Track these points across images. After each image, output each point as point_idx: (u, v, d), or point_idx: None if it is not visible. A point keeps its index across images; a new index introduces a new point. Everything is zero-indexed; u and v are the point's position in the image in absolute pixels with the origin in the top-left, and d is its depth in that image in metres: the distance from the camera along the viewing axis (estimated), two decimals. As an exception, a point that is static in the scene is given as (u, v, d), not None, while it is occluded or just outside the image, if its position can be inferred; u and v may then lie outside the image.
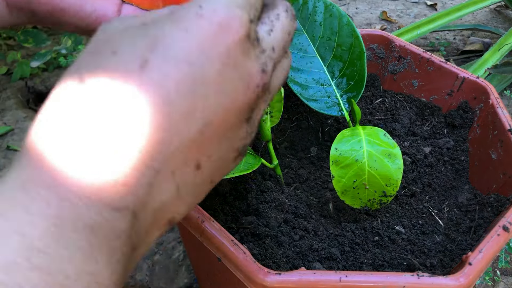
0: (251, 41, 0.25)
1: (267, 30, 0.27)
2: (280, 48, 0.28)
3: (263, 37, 0.26)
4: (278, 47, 0.27)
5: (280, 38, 0.28)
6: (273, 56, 0.27)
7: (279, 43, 0.28)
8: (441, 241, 0.44)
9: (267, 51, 0.26)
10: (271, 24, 0.27)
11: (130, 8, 0.37)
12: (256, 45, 0.25)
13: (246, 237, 0.43)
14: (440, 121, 0.57)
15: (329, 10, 0.56)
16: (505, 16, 1.32)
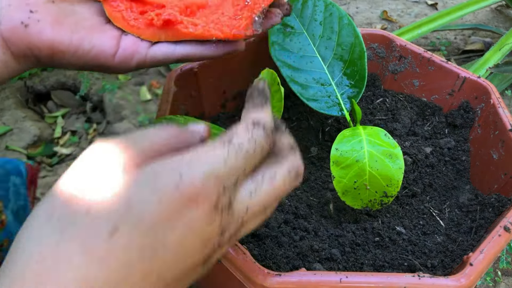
0: (219, 211, 0.24)
1: (250, 190, 0.25)
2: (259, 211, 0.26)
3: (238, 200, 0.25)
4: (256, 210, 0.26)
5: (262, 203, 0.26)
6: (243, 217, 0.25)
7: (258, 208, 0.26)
8: (442, 242, 0.44)
9: (235, 214, 0.25)
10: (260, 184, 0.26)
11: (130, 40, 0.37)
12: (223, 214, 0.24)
13: (246, 237, 0.43)
14: (441, 121, 0.57)
15: (329, 9, 0.55)
16: (506, 15, 1.32)
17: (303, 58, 0.53)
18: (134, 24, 0.37)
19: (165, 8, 0.38)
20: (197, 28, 0.37)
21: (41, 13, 0.34)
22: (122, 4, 0.37)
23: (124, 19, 0.37)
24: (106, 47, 0.36)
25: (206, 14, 0.39)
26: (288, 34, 0.55)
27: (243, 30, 0.37)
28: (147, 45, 0.37)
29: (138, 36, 0.37)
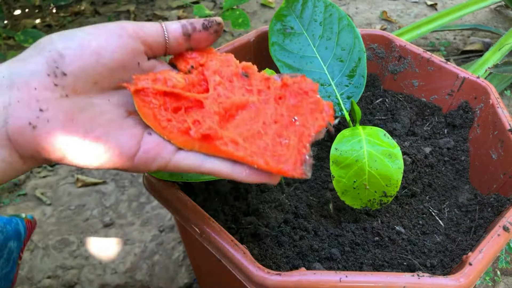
0: None
1: None
2: None
3: None
4: None
5: None
6: None
7: None
8: (441, 241, 0.44)
9: None
10: None
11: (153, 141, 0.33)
12: None
13: (246, 237, 0.43)
14: (440, 121, 0.57)
15: (329, 10, 0.55)
16: (505, 16, 1.32)
17: (303, 59, 0.54)
18: (166, 126, 0.33)
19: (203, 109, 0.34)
20: (238, 148, 0.33)
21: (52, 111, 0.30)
22: (155, 101, 0.33)
23: (155, 118, 0.33)
24: (124, 149, 0.32)
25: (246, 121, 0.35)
26: (288, 35, 0.55)
27: (291, 169, 0.32)
28: (173, 149, 0.33)
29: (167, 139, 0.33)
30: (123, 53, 0.32)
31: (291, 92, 0.36)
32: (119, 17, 1.40)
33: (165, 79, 0.33)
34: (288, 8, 0.57)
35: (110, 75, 0.32)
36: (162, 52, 0.35)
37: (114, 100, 0.33)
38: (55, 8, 1.46)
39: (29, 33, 1.04)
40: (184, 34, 0.35)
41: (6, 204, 0.94)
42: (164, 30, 0.34)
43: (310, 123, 0.35)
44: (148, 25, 0.34)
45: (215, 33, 0.36)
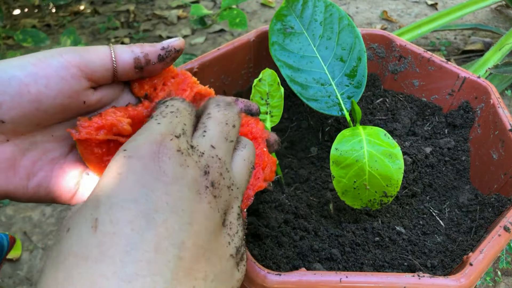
0: (185, 152, 0.26)
1: (200, 134, 0.29)
2: (222, 142, 0.29)
3: (198, 142, 0.28)
4: (218, 141, 0.29)
5: (217, 133, 0.29)
6: (215, 153, 0.28)
7: (218, 138, 0.29)
8: (442, 242, 0.44)
9: (206, 152, 0.28)
10: (204, 126, 0.29)
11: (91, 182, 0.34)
12: (191, 153, 0.27)
13: (246, 237, 0.43)
14: (441, 121, 0.57)
15: (329, 10, 0.55)
16: (506, 15, 1.32)
17: (303, 58, 0.54)
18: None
19: None
20: None
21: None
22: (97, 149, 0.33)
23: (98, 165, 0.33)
24: (64, 191, 0.33)
25: None
26: (289, 35, 0.55)
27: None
28: None
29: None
30: (66, 97, 0.30)
31: (241, 132, 0.36)
32: (118, 17, 1.40)
33: (110, 125, 0.32)
34: (289, 7, 0.57)
35: (52, 117, 0.31)
36: (109, 82, 0.33)
37: (57, 134, 0.33)
38: (55, 7, 1.46)
39: (28, 32, 1.04)
40: (135, 67, 0.33)
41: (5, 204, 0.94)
42: (114, 63, 0.32)
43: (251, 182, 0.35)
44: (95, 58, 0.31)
45: (173, 60, 0.34)
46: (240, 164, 0.31)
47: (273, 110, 0.48)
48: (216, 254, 0.26)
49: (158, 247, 0.23)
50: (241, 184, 0.30)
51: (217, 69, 0.57)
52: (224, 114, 0.31)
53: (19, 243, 0.85)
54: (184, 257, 0.23)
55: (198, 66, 0.54)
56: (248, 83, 0.62)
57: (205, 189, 0.26)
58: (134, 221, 0.23)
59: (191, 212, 0.25)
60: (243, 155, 0.31)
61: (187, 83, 0.36)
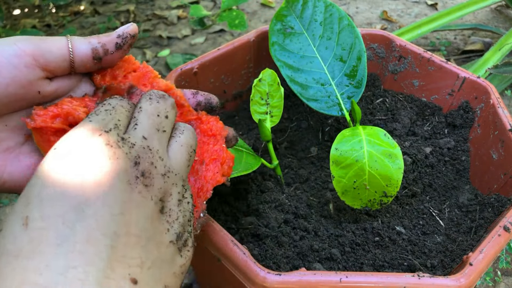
0: (114, 145, 0.26)
1: (132, 127, 0.29)
2: (153, 132, 0.29)
3: (130, 134, 0.28)
4: (150, 132, 0.29)
5: (148, 124, 0.30)
6: (146, 143, 0.28)
7: (149, 129, 0.29)
8: (441, 242, 0.44)
9: (137, 143, 0.28)
10: (135, 119, 0.30)
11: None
12: (122, 145, 0.27)
13: (246, 237, 0.43)
14: (440, 121, 0.57)
15: (329, 10, 0.55)
16: (506, 15, 1.32)
17: (303, 59, 0.54)
18: None
19: None
20: None
21: None
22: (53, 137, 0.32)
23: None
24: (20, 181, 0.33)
25: None
26: (288, 35, 0.55)
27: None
28: None
29: None
30: (19, 86, 0.30)
31: (202, 129, 0.37)
32: (118, 17, 1.40)
33: (66, 114, 0.32)
34: (288, 8, 0.57)
35: (6, 106, 0.31)
36: (66, 73, 0.33)
37: (12, 124, 0.33)
38: (55, 7, 1.46)
39: (28, 32, 1.04)
40: (94, 58, 0.33)
41: (5, 204, 0.93)
42: (71, 54, 0.32)
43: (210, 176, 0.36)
44: (52, 47, 0.31)
45: (130, 46, 0.35)
46: (177, 150, 0.31)
47: (273, 110, 0.48)
48: (152, 241, 0.26)
49: (89, 238, 0.23)
50: (180, 169, 0.30)
51: (217, 69, 0.57)
52: (155, 107, 0.31)
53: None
54: (117, 246, 0.24)
55: (198, 66, 0.54)
56: (248, 83, 0.62)
57: (135, 179, 0.26)
58: (64, 215, 0.23)
59: (122, 202, 0.25)
60: (181, 141, 0.31)
61: (148, 77, 0.36)
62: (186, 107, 0.37)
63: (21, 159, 0.33)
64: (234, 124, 0.59)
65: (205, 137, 0.37)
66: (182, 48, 1.27)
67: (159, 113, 0.31)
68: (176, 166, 0.30)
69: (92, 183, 0.24)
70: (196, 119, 0.37)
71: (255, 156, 0.46)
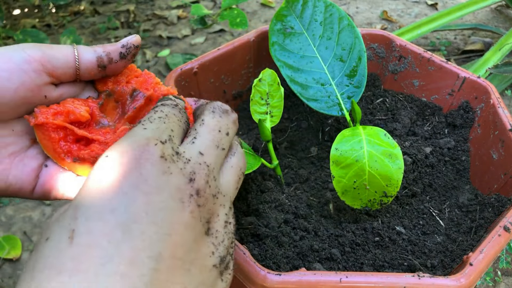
0: (169, 158, 0.25)
1: (190, 140, 0.28)
2: (212, 149, 0.28)
3: (185, 148, 0.27)
4: (208, 148, 0.28)
5: (208, 140, 0.29)
6: (203, 159, 0.27)
7: (208, 145, 0.28)
8: (442, 242, 0.44)
9: (192, 159, 0.27)
10: (195, 132, 0.29)
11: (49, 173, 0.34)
12: (176, 160, 0.26)
13: (246, 237, 0.43)
14: (441, 121, 0.57)
15: (329, 10, 0.55)
16: (506, 15, 1.32)
17: (303, 59, 0.54)
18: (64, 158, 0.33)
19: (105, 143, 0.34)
20: None
21: None
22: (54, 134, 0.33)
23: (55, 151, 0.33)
24: (24, 185, 0.33)
25: None
26: (289, 35, 0.55)
27: None
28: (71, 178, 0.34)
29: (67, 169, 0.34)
30: (27, 90, 0.31)
31: None
32: (118, 17, 1.40)
33: (67, 112, 0.33)
34: (288, 8, 0.57)
35: (14, 110, 0.31)
36: (72, 80, 0.34)
37: (18, 129, 0.33)
38: (55, 7, 1.46)
39: (28, 32, 1.04)
40: (99, 66, 0.33)
41: (5, 204, 0.94)
42: (76, 61, 0.32)
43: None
44: (58, 54, 0.32)
45: (133, 56, 0.35)
46: (228, 171, 0.30)
47: (273, 110, 0.48)
48: (196, 265, 0.25)
49: (133, 260, 0.22)
50: (229, 191, 0.29)
51: (217, 69, 0.57)
52: (218, 121, 0.30)
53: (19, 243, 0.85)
54: (161, 269, 0.23)
55: (198, 66, 0.54)
56: (248, 83, 0.62)
57: (189, 198, 0.25)
58: (111, 233, 0.22)
59: (171, 222, 0.24)
60: (232, 162, 0.31)
61: (150, 82, 0.37)
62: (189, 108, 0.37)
63: (26, 162, 0.33)
64: (234, 124, 0.59)
65: None
66: (182, 48, 1.27)
67: (220, 129, 0.30)
68: (226, 187, 0.29)
69: (142, 199, 0.23)
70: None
71: (255, 156, 0.46)
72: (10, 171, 0.32)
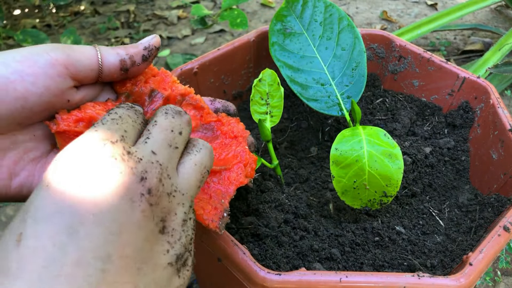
0: (118, 158, 0.25)
1: (143, 140, 0.28)
2: (164, 148, 0.28)
3: (138, 148, 0.27)
4: (161, 148, 0.28)
5: (161, 139, 0.28)
6: (155, 158, 0.27)
7: (161, 144, 0.28)
8: (441, 242, 0.44)
9: (144, 158, 0.26)
10: (148, 133, 0.28)
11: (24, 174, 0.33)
12: (127, 159, 0.25)
13: (246, 237, 0.43)
14: (440, 121, 0.57)
15: (329, 10, 0.55)
16: (506, 15, 1.32)
17: (303, 59, 0.54)
18: None
19: None
20: None
21: None
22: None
23: None
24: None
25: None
26: (288, 35, 0.55)
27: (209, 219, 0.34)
28: None
29: None
30: (51, 95, 0.30)
31: (223, 131, 0.37)
32: (119, 17, 1.40)
33: (89, 118, 0.32)
34: (288, 8, 0.57)
35: (37, 115, 0.31)
36: (93, 82, 0.33)
37: (39, 134, 0.33)
38: (55, 7, 1.46)
39: (29, 32, 1.04)
40: (121, 69, 0.33)
41: (6, 204, 0.94)
42: (100, 64, 0.32)
43: (234, 177, 0.36)
44: (82, 57, 0.31)
45: (154, 58, 0.35)
46: (190, 169, 0.30)
47: (273, 110, 0.48)
48: (149, 263, 0.25)
49: (79, 261, 0.22)
50: (189, 189, 0.29)
51: (217, 69, 0.57)
52: (170, 121, 0.30)
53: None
54: (109, 269, 0.23)
55: (198, 66, 0.54)
56: (248, 83, 0.62)
57: (140, 197, 0.25)
58: (57, 235, 0.22)
59: (120, 222, 0.24)
60: (195, 159, 0.30)
61: (167, 82, 0.37)
62: (206, 109, 0.37)
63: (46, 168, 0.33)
64: (234, 124, 0.59)
65: (227, 139, 0.37)
66: (182, 48, 1.27)
67: (173, 129, 0.30)
68: (185, 186, 0.29)
69: (90, 200, 0.23)
70: (217, 121, 0.38)
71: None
72: (33, 178, 0.32)
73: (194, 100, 0.37)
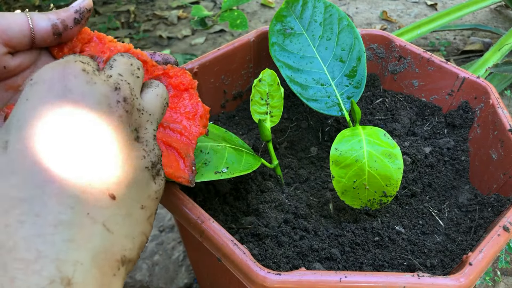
0: (91, 72, 0.27)
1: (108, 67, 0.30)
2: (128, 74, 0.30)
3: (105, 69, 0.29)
4: (125, 72, 0.30)
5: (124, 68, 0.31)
6: (123, 78, 0.29)
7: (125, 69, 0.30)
8: (441, 241, 0.44)
9: (113, 76, 0.29)
10: (109, 64, 0.31)
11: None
12: (98, 74, 0.28)
13: (246, 237, 0.43)
14: (440, 121, 0.57)
15: (329, 10, 0.56)
16: (506, 16, 1.32)
17: (303, 59, 0.54)
18: None
19: None
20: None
21: None
22: None
23: None
24: None
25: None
26: (288, 35, 0.55)
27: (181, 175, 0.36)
28: None
29: None
30: None
31: (173, 84, 0.38)
32: (119, 17, 1.40)
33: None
34: (288, 8, 0.57)
35: None
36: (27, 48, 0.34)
37: None
38: (55, 8, 1.46)
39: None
40: (54, 34, 0.34)
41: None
42: (32, 30, 0.33)
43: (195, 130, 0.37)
44: (12, 24, 0.32)
45: (86, 20, 0.36)
46: (152, 97, 0.32)
47: (273, 110, 0.48)
48: (130, 164, 0.27)
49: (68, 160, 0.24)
50: (154, 112, 0.31)
51: (217, 69, 0.57)
52: (128, 58, 0.32)
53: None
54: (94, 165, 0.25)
55: (198, 67, 0.55)
56: (248, 83, 0.62)
57: (116, 103, 0.27)
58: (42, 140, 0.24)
59: (99, 124, 0.26)
60: (156, 91, 0.33)
61: (104, 42, 0.37)
62: (149, 61, 0.37)
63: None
64: (234, 124, 0.59)
65: (178, 91, 0.38)
66: (182, 48, 1.27)
67: (132, 63, 0.32)
68: (150, 107, 0.31)
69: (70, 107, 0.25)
70: (164, 74, 0.38)
71: (255, 156, 0.46)
72: None
73: (136, 54, 0.37)
